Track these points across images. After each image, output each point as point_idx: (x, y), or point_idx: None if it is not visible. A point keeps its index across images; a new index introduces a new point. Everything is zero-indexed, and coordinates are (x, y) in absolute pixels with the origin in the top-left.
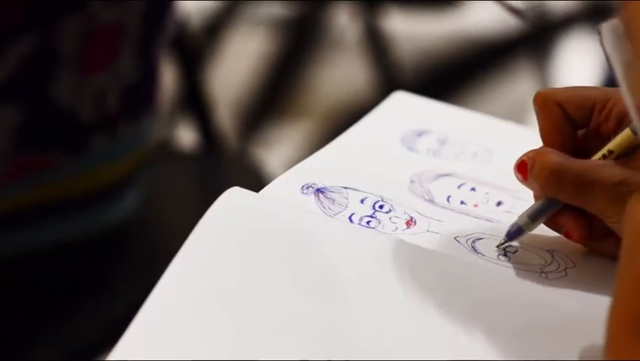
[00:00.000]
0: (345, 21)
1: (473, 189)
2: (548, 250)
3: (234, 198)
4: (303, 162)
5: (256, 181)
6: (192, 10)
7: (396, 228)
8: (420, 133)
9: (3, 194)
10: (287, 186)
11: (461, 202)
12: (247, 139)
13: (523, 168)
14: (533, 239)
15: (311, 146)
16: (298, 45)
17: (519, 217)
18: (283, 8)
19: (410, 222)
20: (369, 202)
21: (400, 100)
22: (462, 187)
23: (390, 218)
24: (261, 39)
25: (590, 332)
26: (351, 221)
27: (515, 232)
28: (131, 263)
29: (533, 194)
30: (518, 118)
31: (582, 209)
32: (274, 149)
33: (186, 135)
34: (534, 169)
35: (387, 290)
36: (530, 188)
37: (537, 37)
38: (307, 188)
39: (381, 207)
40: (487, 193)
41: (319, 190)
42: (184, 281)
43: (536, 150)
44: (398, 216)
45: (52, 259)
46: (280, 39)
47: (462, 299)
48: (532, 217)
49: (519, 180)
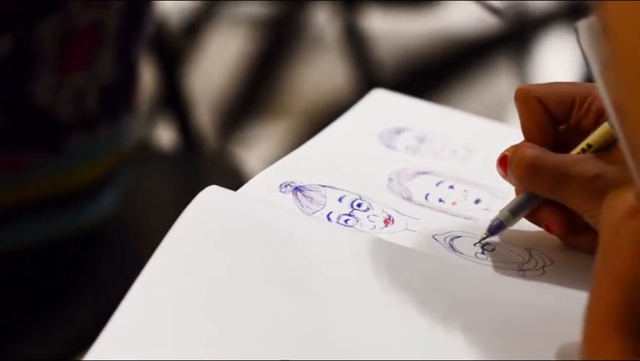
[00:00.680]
0: (324, 20)
1: (451, 186)
2: (526, 248)
3: (212, 196)
4: (281, 161)
5: (235, 180)
6: (171, 9)
7: (374, 226)
8: (399, 131)
9: None
10: (265, 184)
11: (439, 200)
12: (226, 138)
13: (504, 163)
14: (511, 237)
15: (290, 144)
16: (277, 44)
17: (500, 212)
18: (262, 7)
19: (388, 220)
20: (347, 201)
21: (378, 98)
22: (441, 185)
23: (368, 216)
24: (240, 38)
25: (568, 330)
26: (329, 220)
27: (496, 227)
28: (109, 263)
29: (514, 189)
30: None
31: (561, 203)
32: (253, 148)
33: (165, 135)
34: (512, 163)
35: (365, 289)
36: (510, 183)
37: (516, 35)
38: (285, 186)
39: (359, 205)
40: (465, 191)
41: (297, 189)
42: (161, 281)
43: (516, 145)
44: (376, 214)
45: (29, 259)
46: (259, 38)
47: (440, 297)
48: (513, 212)
49: (500, 175)
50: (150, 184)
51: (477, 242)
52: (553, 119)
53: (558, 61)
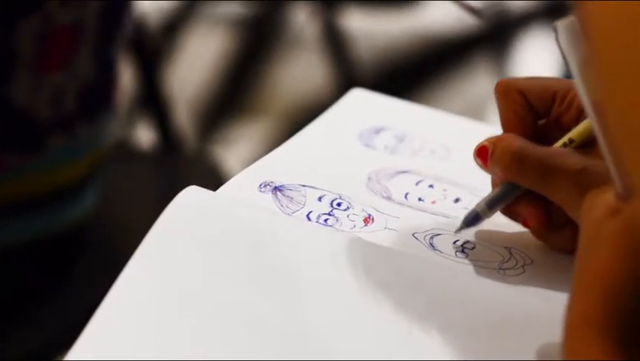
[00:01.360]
0: (303, 19)
1: (431, 185)
2: (506, 247)
3: (191, 197)
4: (261, 160)
5: (215, 180)
6: (150, 9)
7: (354, 225)
8: (378, 130)
9: None
10: (244, 184)
11: (419, 199)
12: (205, 138)
13: (484, 153)
14: (491, 236)
15: (270, 144)
16: (257, 44)
17: (476, 204)
18: (241, 7)
19: (368, 219)
20: (327, 200)
21: (357, 97)
22: (420, 184)
23: (348, 216)
24: (220, 38)
25: (548, 330)
26: (309, 219)
27: (473, 219)
28: (89, 263)
29: (491, 180)
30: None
31: (540, 198)
32: (233, 147)
33: (144, 134)
34: (495, 153)
35: (343, 289)
36: (490, 173)
37: (495, 35)
38: (265, 186)
39: (339, 204)
40: (445, 190)
41: (277, 188)
42: (141, 281)
43: (498, 136)
44: (356, 213)
45: (9, 260)
46: (238, 38)
47: (418, 297)
48: (490, 204)
49: (478, 165)
50: (129, 184)
51: (454, 231)
52: (533, 112)
53: (537, 60)
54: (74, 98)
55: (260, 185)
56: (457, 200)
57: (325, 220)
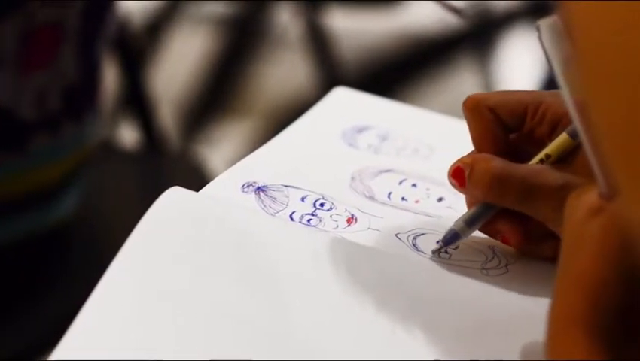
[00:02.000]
0: (287, 19)
1: (414, 185)
2: (489, 246)
3: (174, 197)
4: (244, 161)
5: (199, 179)
6: (134, 8)
7: (337, 225)
8: (361, 129)
9: None
10: (227, 184)
11: (402, 198)
12: (189, 138)
13: (459, 174)
14: (474, 235)
15: (254, 144)
16: (240, 43)
17: (455, 223)
18: (225, 7)
19: (351, 219)
20: (310, 200)
21: (340, 96)
22: (403, 183)
23: (331, 216)
24: (203, 37)
25: (531, 330)
26: (292, 219)
27: (451, 238)
28: (73, 263)
29: (466, 199)
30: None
31: (518, 214)
32: (217, 147)
33: (128, 134)
34: (474, 176)
35: (325, 289)
36: (467, 194)
37: (478, 34)
38: (248, 186)
39: (322, 205)
40: (428, 189)
41: (260, 189)
42: (124, 282)
43: (472, 156)
44: (339, 213)
45: None
46: (222, 37)
47: (401, 297)
48: (468, 223)
49: (453, 187)
50: (113, 183)
51: (432, 252)
52: (504, 127)
53: (520, 59)
54: (58, 97)
55: (243, 185)
56: (440, 199)
57: (308, 221)
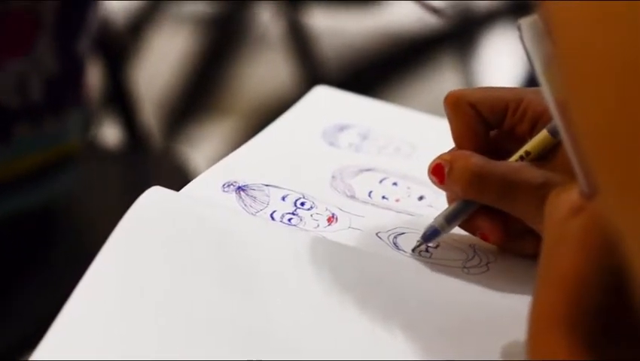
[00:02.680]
0: (268, 18)
1: (395, 183)
2: (470, 245)
3: (154, 197)
4: (225, 160)
5: (181, 178)
6: (116, 7)
7: (318, 225)
8: (342, 128)
9: None
10: (208, 184)
11: (382, 197)
12: (172, 137)
13: (439, 171)
14: (455, 234)
15: (236, 143)
16: (222, 42)
17: (435, 219)
18: (207, 6)
19: (332, 218)
20: (290, 199)
21: (321, 95)
22: (384, 182)
23: (312, 215)
24: (185, 36)
25: (512, 329)
26: (272, 219)
27: (431, 234)
28: (54, 261)
29: (447, 196)
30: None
31: (497, 211)
32: (199, 146)
33: (111, 133)
34: (453, 173)
35: (306, 288)
36: (447, 191)
37: (459, 32)
38: (228, 186)
39: (302, 204)
40: (409, 188)
41: (240, 188)
42: (105, 282)
43: (452, 153)
44: (320, 212)
45: None
46: (204, 36)
47: (382, 296)
48: (448, 219)
49: (434, 183)
50: (95, 182)
51: (413, 249)
52: (485, 123)
53: (501, 58)
54: (39, 89)
55: (223, 185)
56: (421, 198)
57: (289, 220)
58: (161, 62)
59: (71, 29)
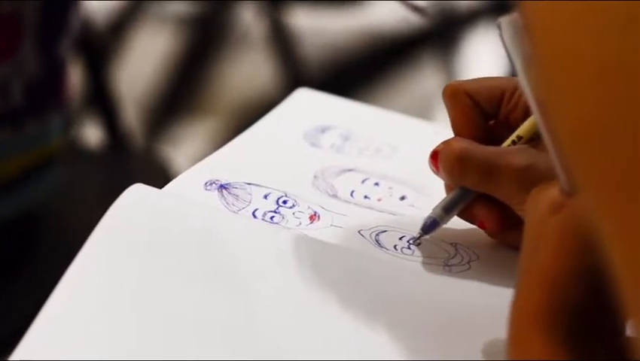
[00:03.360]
0: (250, 18)
1: (376, 183)
2: (452, 243)
3: (136, 194)
4: (207, 159)
5: (163, 178)
6: (97, 8)
7: (300, 223)
8: (323, 129)
9: None
10: (190, 182)
11: (364, 197)
12: (154, 137)
13: (436, 159)
14: (437, 232)
15: (218, 143)
16: (204, 42)
17: (433, 210)
18: (188, 5)
19: (314, 216)
20: (272, 198)
21: (303, 97)
22: (366, 182)
23: (294, 213)
24: (167, 36)
25: (494, 328)
26: (254, 217)
27: (430, 225)
28: (35, 261)
29: (444, 185)
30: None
31: (495, 199)
32: (181, 146)
33: (92, 133)
34: (440, 157)
35: (289, 286)
36: (442, 178)
37: (441, 32)
38: (211, 184)
39: (284, 202)
40: (391, 188)
41: (222, 186)
42: (86, 281)
43: (446, 140)
44: (302, 211)
45: None
46: (186, 36)
47: (365, 294)
48: (446, 209)
49: (433, 172)
50: (77, 182)
51: (411, 241)
52: (483, 113)
53: (483, 57)
54: (21, 92)
55: (205, 183)
56: (403, 198)
57: (271, 218)
58: (142, 62)
59: (53, 31)
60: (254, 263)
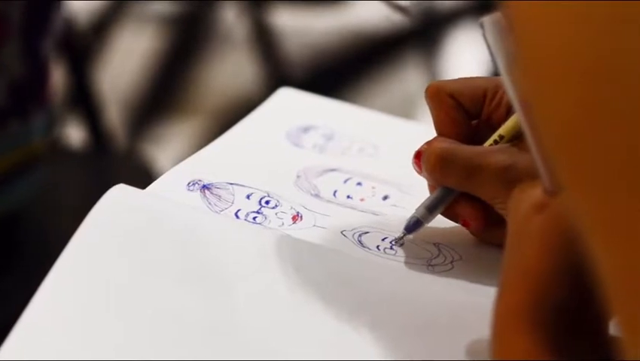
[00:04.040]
0: (232, 17)
1: (359, 183)
2: (434, 243)
3: (119, 195)
4: (189, 159)
5: (146, 178)
6: (80, 7)
7: (282, 223)
8: (306, 129)
9: None
10: (173, 182)
11: (347, 197)
12: (137, 136)
13: (419, 159)
14: (420, 232)
15: (201, 142)
16: (186, 42)
17: (416, 210)
18: (171, 5)
19: (297, 217)
20: (255, 198)
21: (285, 96)
22: (348, 182)
23: (276, 213)
24: (149, 36)
25: (477, 326)
26: (237, 217)
27: (413, 225)
28: (18, 261)
29: (427, 185)
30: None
31: (478, 198)
32: (164, 146)
33: (75, 133)
34: (423, 157)
35: (271, 287)
36: (425, 178)
37: (424, 32)
38: (193, 184)
39: (267, 202)
40: (373, 188)
41: (205, 187)
42: (69, 281)
43: (428, 140)
44: (285, 211)
45: None
46: (168, 36)
47: (347, 294)
48: (429, 208)
49: (416, 172)
50: (60, 182)
51: (395, 241)
52: (465, 113)
53: (466, 57)
54: (4, 91)
55: (188, 183)
56: (385, 197)
57: (254, 218)
58: (125, 62)
59: (36, 31)
60: (237, 264)
